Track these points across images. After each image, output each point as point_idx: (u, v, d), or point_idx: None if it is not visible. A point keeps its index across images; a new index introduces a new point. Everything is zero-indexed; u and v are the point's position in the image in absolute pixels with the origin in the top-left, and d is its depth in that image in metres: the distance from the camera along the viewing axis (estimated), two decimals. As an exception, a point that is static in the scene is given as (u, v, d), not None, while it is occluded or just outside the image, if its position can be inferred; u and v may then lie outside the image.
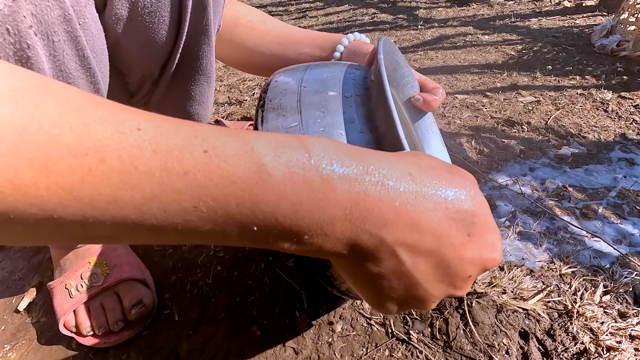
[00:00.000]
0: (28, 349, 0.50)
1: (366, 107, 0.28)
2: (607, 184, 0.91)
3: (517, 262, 0.43)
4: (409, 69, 0.40)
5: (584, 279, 0.42)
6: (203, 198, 0.16)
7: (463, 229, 0.20)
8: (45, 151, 0.14)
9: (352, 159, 0.19)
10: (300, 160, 0.18)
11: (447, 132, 1.08)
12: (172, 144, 0.16)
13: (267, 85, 0.32)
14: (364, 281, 0.21)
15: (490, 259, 0.21)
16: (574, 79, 1.32)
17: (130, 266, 0.48)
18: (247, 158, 0.17)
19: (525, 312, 0.37)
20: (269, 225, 0.18)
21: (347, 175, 0.18)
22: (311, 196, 0.18)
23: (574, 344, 0.35)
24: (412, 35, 1.95)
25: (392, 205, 0.19)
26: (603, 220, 0.80)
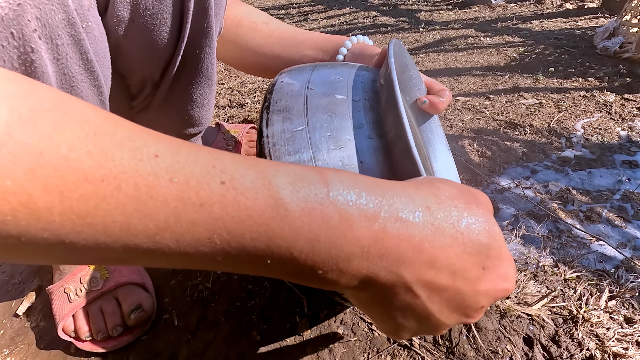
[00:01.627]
0: (27, 354, 0.50)
1: (375, 112, 0.27)
2: (610, 186, 0.90)
3: (521, 267, 0.42)
4: (416, 71, 0.40)
5: (589, 284, 0.41)
6: (218, 231, 0.16)
7: (478, 262, 0.20)
8: (61, 176, 0.14)
9: (371, 193, 0.19)
10: (318, 195, 0.18)
11: (450, 135, 1.07)
12: (190, 173, 0.16)
13: (272, 85, 0.31)
14: (377, 312, 0.21)
15: (503, 289, 0.21)
16: (577, 81, 1.31)
17: (129, 270, 0.48)
18: (265, 192, 0.17)
19: (530, 318, 0.37)
20: (283, 259, 0.17)
21: (366, 211, 0.18)
22: (329, 233, 0.17)
23: (580, 350, 0.34)
24: (414, 38, 1.95)
25: (410, 242, 0.19)
26: (607, 224, 0.79)
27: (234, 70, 1.45)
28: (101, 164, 0.14)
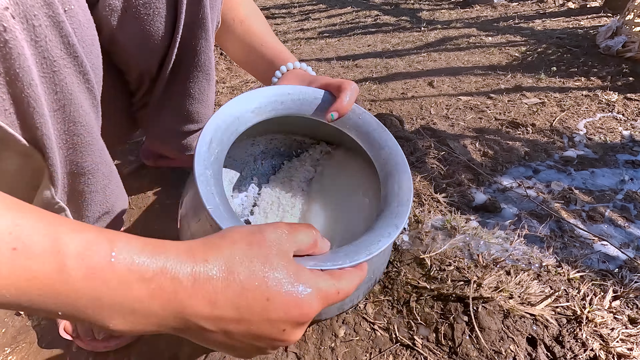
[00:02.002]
0: (28, 352, 0.49)
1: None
2: (613, 186, 0.89)
3: (524, 266, 0.42)
4: (312, 89, 0.42)
5: (592, 284, 0.41)
6: (7, 287, 0.19)
7: (260, 295, 0.23)
8: None
9: (153, 256, 0.22)
10: (102, 262, 0.20)
11: (451, 134, 1.07)
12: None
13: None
14: (203, 344, 0.25)
15: (300, 314, 0.24)
16: (579, 81, 1.31)
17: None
18: (52, 259, 0.20)
19: (533, 318, 0.37)
20: (73, 312, 0.20)
21: (145, 274, 0.21)
22: (110, 294, 0.20)
23: (584, 350, 0.34)
24: (415, 37, 1.94)
25: (187, 292, 0.22)
26: (610, 224, 0.79)
27: (236, 69, 1.45)
28: None
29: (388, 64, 1.66)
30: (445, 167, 0.86)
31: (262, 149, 0.52)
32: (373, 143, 0.39)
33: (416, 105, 1.27)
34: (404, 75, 1.53)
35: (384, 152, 0.39)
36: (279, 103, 0.39)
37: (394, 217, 0.33)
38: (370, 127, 0.40)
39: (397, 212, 0.34)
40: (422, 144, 0.86)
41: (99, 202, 0.42)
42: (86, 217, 0.43)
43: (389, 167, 0.37)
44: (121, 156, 0.87)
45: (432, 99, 1.30)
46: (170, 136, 0.59)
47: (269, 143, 0.52)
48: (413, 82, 1.45)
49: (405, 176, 0.36)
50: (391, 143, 0.39)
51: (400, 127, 0.92)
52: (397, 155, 0.38)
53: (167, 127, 0.57)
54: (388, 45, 1.90)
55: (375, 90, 1.42)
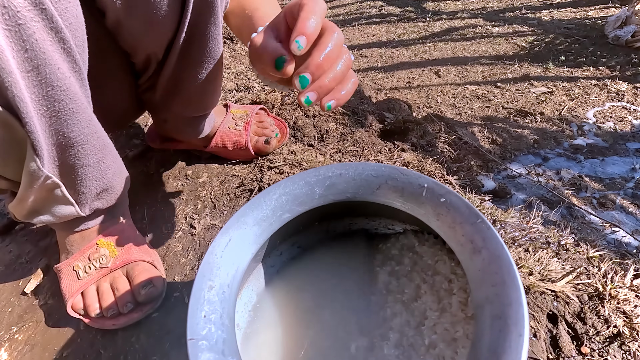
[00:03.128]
0: (35, 331, 0.49)
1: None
2: (624, 174, 0.88)
3: (542, 245, 0.41)
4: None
5: (612, 262, 0.40)
6: None
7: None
8: None
9: None
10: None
11: (459, 122, 1.06)
12: None
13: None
14: None
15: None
16: (588, 70, 1.29)
17: (138, 248, 0.47)
18: None
19: (554, 294, 0.36)
20: None
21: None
22: None
23: (607, 327, 0.33)
24: (421, 27, 1.92)
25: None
26: (621, 211, 0.78)
27: (240, 55, 1.43)
28: None
29: (393, 54, 1.64)
30: (456, 152, 0.85)
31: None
32: (463, 241, 0.26)
33: (422, 94, 1.26)
34: (409, 65, 1.51)
35: (480, 260, 0.24)
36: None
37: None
38: (458, 216, 0.27)
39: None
40: (432, 128, 0.85)
41: (94, 177, 0.41)
42: (82, 194, 0.41)
43: (485, 287, 0.23)
44: (126, 139, 0.86)
45: (439, 88, 1.28)
46: (178, 121, 0.58)
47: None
48: (419, 72, 1.44)
49: (513, 312, 0.20)
50: (492, 245, 0.24)
51: (409, 111, 0.90)
52: (501, 266, 0.23)
53: (175, 112, 0.56)
54: (393, 35, 1.88)
55: (380, 79, 1.41)
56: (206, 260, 0.28)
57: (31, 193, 0.38)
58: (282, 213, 0.33)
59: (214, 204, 0.60)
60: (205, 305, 0.26)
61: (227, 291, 0.28)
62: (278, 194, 0.33)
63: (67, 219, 0.45)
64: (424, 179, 0.30)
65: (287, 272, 0.41)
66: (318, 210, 0.35)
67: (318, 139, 0.72)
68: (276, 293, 0.40)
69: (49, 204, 0.41)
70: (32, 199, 0.39)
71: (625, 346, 0.32)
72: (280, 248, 0.41)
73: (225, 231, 0.30)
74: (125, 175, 0.47)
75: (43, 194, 0.39)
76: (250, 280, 0.39)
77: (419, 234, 0.39)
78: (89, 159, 0.39)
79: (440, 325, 0.32)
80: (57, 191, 0.39)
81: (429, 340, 0.31)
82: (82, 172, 0.39)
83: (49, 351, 0.46)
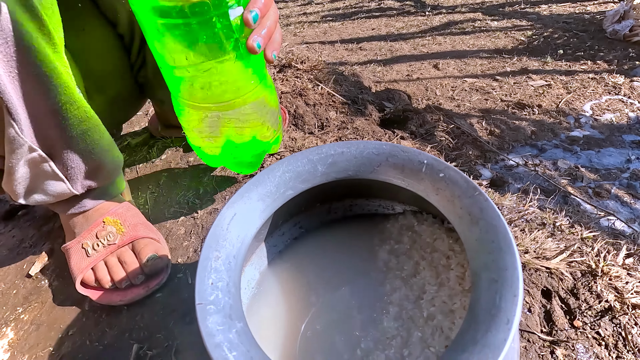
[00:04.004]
0: (41, 311, 0.50)
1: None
2: (619, 165, 0.90)
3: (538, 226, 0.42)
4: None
5: (605, 242, 0.41)
6: None
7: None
8: None
9: None
10: None
11: (457, 113, 1.07)
12: None
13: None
14: None
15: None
16: (586, 64, 1.30)
17: (144, 226, 0.48)
18: None
19: (548, 271, 0.37)
20: None
21: None
22: None
23: (599, 302, 0.35)
24: (420, 21, 1.92)
25: None
26: (616, 200, 0.79)
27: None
28: None
29: (392, 47, 1.65)
30: (454, 141, 0.86)
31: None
32: (461, 213, 0.27)
33: (421, 87, 1.26)
34: (408, 58, 1.51)
35: (477, 230, 0.25)
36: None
37: (475, 353, 0.20)
38: (457, 189, 0.28)
39: (483, 342, 0.20)
40: (431, 117, 0.86)
41: (80, 150, 0.40)
42: (71, 168, 0.41)
43: (482, 255, 0.24)
44: (128, 127, 0.86)
45: (438, 81, 1.29)
46: (169, 98, 0.59)
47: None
48: (418, 65, 1.44)
49: (509, 275, 0.22)
50: (489, 215, 0.25)
51: (408, 101, 0.91)
52: (497, 235, 0.24)
53: (165, 88, 0.56)
54: (392, 28, 1.88)
55: (380, 72, 1.41)
56: (212, 232, 0.29)
57: (18, 167, 0.38)
58: (286, 190, 0.34)
59: (216, 188, 0.61)
60: (212, 273, 0.27)
61: (232, 262, 0.28)
62: (281, 171, 0.34)
63: (61, 197, 0.45)
64: (423, 156, 0.31)
65: (290, 252, 0.42)
66: (320, 190, 0.36)
67: (318, 127, 0.73)
68: (279, 272, 0.40)
69: (39, 180, 0.41)
70: (21, 175, 0.39)
71: (616, 319, 0.34)
72: (282, 228, 0.42)
73: (230, 205, 0.31)
74: (117, 153, 0.47)
75: (32, 170, 0.39)
76: (253, 259, 0.40)
77: (418, 214, 0.40)
78: (71, 131, 0.38)
79: (439, 298, 0.33)
80: (46, 166, 0.39)
81: (428, 313, 0.32)
82: (66, 144, 0.39)
83: (54, 330, 0.47)
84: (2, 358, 0.45)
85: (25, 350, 0.46)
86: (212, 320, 0.24)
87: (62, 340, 0.46)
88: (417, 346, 0.31)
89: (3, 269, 0.57)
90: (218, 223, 0.29)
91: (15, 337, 0.47)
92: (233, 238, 0.29)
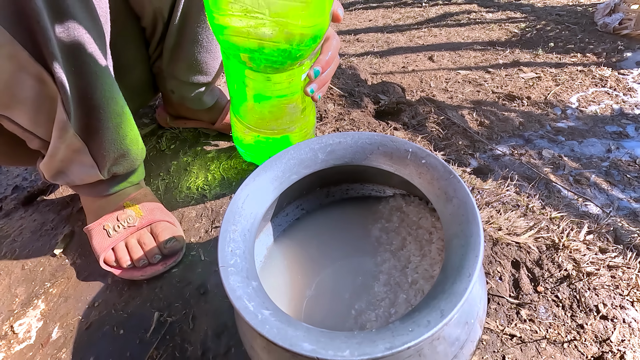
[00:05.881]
0: (67, 285, 0.55)
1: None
2: (600, 154, 0.95)
3: (512, 207, 0.48)
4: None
5: (571, 221, 0.47)
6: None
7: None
8: None
9: None
10: None
11: (449, 105, 1.12)
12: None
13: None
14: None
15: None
16: (575, 57, 1.34)
17: (160, 210, 0.53)
18: None
19: (518, 245, 0.42)
20: None
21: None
22: None
23: (559, 271, 0.40)
24: (417, 13, 1.95)
25: None
26: (595, 187, 0.85)
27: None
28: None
29: (389, 39, 1.68)
30: (444, 132, 0.91)
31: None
32: (438, 193, 0.32)
33: (416, 79, 1.31)
34: (404, 50, 1.55)
35: (451, 206, 0.31)
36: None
37: (443, 299, 0.25)
38: (436, 173, 0.33)
39: (450, 291, 0.25)
40: (423, 109, 0.90)
41: (112, 140, 0.45)
42: (102, 156, 0.46)
43: (454, 226, 0.29)
44: (137, 118, 0.90)
45: (432, 73, 1.33)
46: (184, 89, 0.63)
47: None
48: (414, 57, 1.48)
49: (472, 240, 0.27)
50: (461, 194, 0.31)
51: (402, 94, 0.96)
52: (466, 209, 0.29)
53: (180, 79, 0.61)
54: (389, 20, 1.91)
55: (376, 63, 1.45)
56: (230, 209, 0.34)
57: (59, 150, 0.43)
58: (291, 174, 0.39)
59: (223, 176, 0.66)
60: (231, 243, 0.32)
61: (247, 234, 0.34)
62: (287, 158, 0.39)
63: (88, 180, 0.50)
64: (409, 145, 0.36)
65: (293, 231, 0.47)
66: (320, 176, 0.41)
67: (317, 119, 0.78)
68: (283, 247, 0.46)
69: (72, 164, 0.46)
70: (59, 158, 0.44)
71: (573, 285, 0.39)
72: (286, 210, 0.47)
73: (244, 187, 0.36)
74: (141, 145, 0.51)
75: (68, 154, 0.44)
76: (261, 237, 0.45)
77: (406, 197, 0.46)
78: (108, 123, 0.43)
79: (421, 266, 0.38)
80: (81, 152, 0.44)
81: (412, 279, 0.38)
82: (102, 134, 0.44)
83: (81, 302, 0.53)
84: (37, 326, 0.51)
85: (56, 319, 0.51)
86: (233, 279, 0.29)
87: (90, 310, 0.51)
88: (402, 305, 0.36)
89: (28, 249, 0.62)
90: (234, 202, 0.35)
91: (46, 308, 0.53)
92: (247, 214, 0.35)
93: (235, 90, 0.49)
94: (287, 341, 0.25)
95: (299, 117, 0.52)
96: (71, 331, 0.49)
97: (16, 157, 0.51)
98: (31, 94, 0.37)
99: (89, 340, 0.47)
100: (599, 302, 0.38)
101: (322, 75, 0.45)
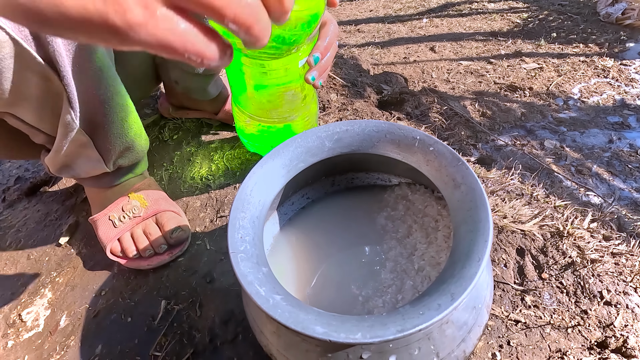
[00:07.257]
0: (74, 275, 0.55)
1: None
2: (602, 145, 0.95)
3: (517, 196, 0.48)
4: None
5: (575, 210, 0.47)
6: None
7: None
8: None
9: None
10: None
11: (451, 96, 1.11)
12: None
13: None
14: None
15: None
16: (578, 47, 1.34)
17: (165, 200, 0.53)
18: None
19: (523, 233, 0.43)
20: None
21: None
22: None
23: (563, 258, 0.41)
24: (418, 3, 1.93)
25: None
26: (596, 177, 0.85)
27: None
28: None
29: (390, 29, 1.66)
30: (447, 122, 0.91)
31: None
32: (446, 180, 0.32)
33: (418, 70, 1.30)
34: (406, 40, 1.54)
35: (459, 192, 0.31)
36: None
37: (453, 283, 0.25)
38: (444, 160, 0.33)
39: (459, 276, 0.25)
40: (426, 99, 0.90)
41: (117, 134, 0.45)
42: (107, 150, 0.46)
43: (462, 212, 0.30)
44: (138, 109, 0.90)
45: (434, 64, 1.33)
46: (187, 80, 0.62)
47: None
48: (415, 47, 1.47)
49: (481, 225, 0.27)
50: (469, 180, 0.31)
51: (405, 84, 0.95)
52: (475, 195, 0.29)
53: (183, 70, 0.60)
54: (390, 10, 1.89)
55: (377, 54, 1.44)
56: (238, 197, 0.34)
57: (64, 145, 0.43)
58: (298, 162, 0.39)
59: (227, 166, 0.66)
60: (240, 229, 0.32)
61: (256, 221, 0.34)
62: (294, 147, 0.39)
63: (94, 173, 0.50)
64: (416, 132, 0.36)
65: (299, 219, 0.48)
66: (325, 165, 0.41)
67: (320, 108, 0.78)
68: (289, 236, 0.46)
69: (78, 158, 0.46)
70: (64, 153, 0.44)
71: (577, 272, 0.40)
72: (292, 199, 0.48)
73: (251, 175, 0.36)
74: (145, 136, 0.52)
75: (74, 149, 0.44)
76: (267, 225, 0.45)
77: (412, 185, 0.46)
78: (113, 117, 0.43)
79: (428, 254, 0.39)
80: (87, 146, 0.44)
81: (418, 265, 0.38)
82: (108, 128, 0.44)
83: (88, 290, 0.53)
84: (45, 314, 0.51)
85: (64, 307, 0.52)
86: (244, 265, 0.29)
87: (97, 299, 0.52)
88: (409, 292, 0.37)
89: (33, 239, 0.62)
90: (243, 189, 0.35)
91: (53, 297, 0.53)
92: (255, 202, 0.35)
93: (234, 80, 0.49)
94: (299, 324, 0.25)
95: (300, 105, 0.52)
96: (79, 319, 0.49)
97: (19, 151, 0.51)
98: (36, 92, 0.36)
99: (97, 327, 0.48)
100: (603, 289, 0.39)
101: (322, 62, 0.45)
